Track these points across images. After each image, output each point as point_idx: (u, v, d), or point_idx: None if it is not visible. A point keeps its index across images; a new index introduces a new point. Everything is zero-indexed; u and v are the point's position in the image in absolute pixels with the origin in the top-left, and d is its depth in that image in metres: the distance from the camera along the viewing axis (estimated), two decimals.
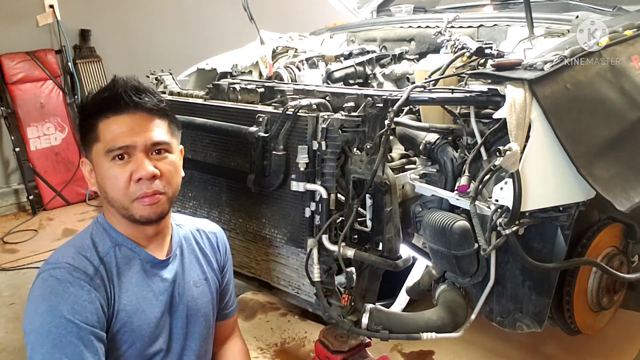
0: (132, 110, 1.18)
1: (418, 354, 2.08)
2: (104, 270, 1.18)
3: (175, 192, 1.26)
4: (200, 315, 1.35)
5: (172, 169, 1.23)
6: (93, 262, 1.17)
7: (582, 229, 1.73)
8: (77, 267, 1.15)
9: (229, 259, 1.50)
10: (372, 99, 1.59)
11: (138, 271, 1.24)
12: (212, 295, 1.40)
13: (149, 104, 1.20)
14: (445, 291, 1.67)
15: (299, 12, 5.17)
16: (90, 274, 1.15)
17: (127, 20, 4.51)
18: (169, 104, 1.27)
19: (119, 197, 1.18)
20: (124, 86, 1.19)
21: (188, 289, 1.33)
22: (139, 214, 1.19)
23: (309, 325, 2.23)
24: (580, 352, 2.05)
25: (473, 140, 1.54)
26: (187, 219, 1.46)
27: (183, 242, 1.37)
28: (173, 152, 1.25)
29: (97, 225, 1.26)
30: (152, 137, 1.19)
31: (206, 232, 1.46)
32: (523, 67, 1.51)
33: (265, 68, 2.53)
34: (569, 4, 2.33)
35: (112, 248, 1.22)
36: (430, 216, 1.57)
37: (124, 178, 1.16)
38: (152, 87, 1.28)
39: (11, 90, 3.93)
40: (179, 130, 1.31)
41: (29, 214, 3.99)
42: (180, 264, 1.34)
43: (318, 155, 1.63)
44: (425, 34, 2.57)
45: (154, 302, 1.25)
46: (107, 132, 1.17)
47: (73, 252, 1.18)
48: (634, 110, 1.59)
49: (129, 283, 1.21)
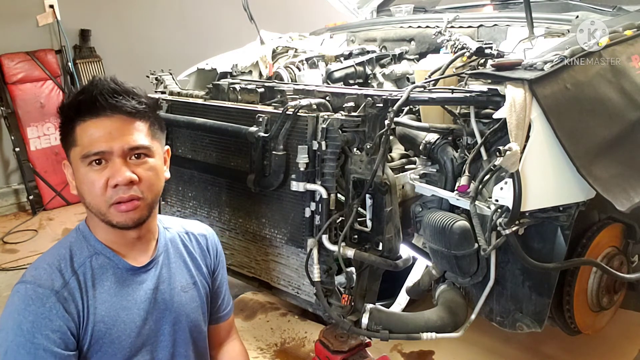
0: (110, 114, 1.14)
1: (418, 354, 2.08)
2: (76, 282, 1.15)
3: (155, 198, 1.21)
4: (190, 321, 1.31)
5: (152, 174, 1.18)
6: (64, 275, 1.14)
7: (582, 229, 1.73)
8: (43, 283, 1.12)
9: (220, 261, 1.45)
10: (372, 99, 1.59)
11: (115, 280, 1.20)
12: (201, 300, 1.36)
13: (127, 106, 1.15)
14: (445, 291, 1.67)
15: (299, 12, 5.17)
16: (56, 288, 1.12)
17: (127, 20, 4.52)
18: (151, 104, 1.22)
19: (96, 202, 1.15)
20: (101, 88, 1.14)
21: (175, 295, 1.28)
22: (116, 219, 1.16)
23: (309, 325, 2.23)
24: (580, 352, 2.05)
25: (473, 140, 1.54)
26: (176, 221, 1.42)
27: (169, 246, 1.33)
28: (154, 155, 1.20)
29: (77, 233, 1.23)
30: (130, 141, 1.14)
31: (195, 234, 1.40)
32: (523, 67, 1.51)
33: (265, 68, 2.53)
34: (569, 4, 2.33)
35: (89, 258, 1.18)
36: (430, 216, 1.57)
37: (100, 183, 1.13)
38: (138, 87, 1.21)
39: (11, 90, 3.94)
40: (162, 132, 1.26)
41: (29, 214, 3.99)
42: (166, 269, 1.29)
43: (318, 155, 1.63)
44: (425, 34, 2.57)
45: (135, 310, 1.20)
46: (84, 136, 1.13)
47: (45, 265, 1.15)
48: (634, 110, 1.59)
49: (105, 293, 1.17)
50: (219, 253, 1.45)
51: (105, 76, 1.18)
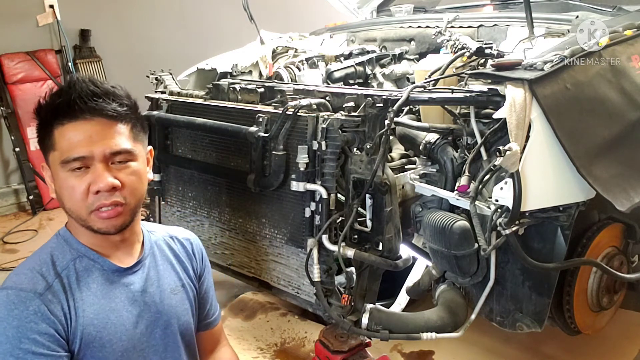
0: (89, 117, 1.08)
1: (418, 354, 2.08)
2: (60, 284, 1.10)
3: (139, 202, 1.16)
4: (181, 324, 1.27)
5: (134, 179, 1.13)
6: (47, 278, 1.09)
7: (582, 229, 1.73)
8: (25, 287, 1.07)
9: (206, 266, 1.41)
10: (372, 99, 1.59)
11: (102, 282, 1.15)
12: (190, 303, 1.32)
13: (107, 109, 1.09)
14: (445, 291, 1.67)
15: (299, 12, 5.17)
16: (39, 290, 1.07)
17: (127, 20, 4.52)
18: (133, 106, 1.16)
19: (76, 208, 1.11)
20: (79, 91, 1.08)
21: (165, 297, 1.24)
22: (97, 226, 1.11)
23: (309, 325, 2.23)
24: (580, 352, 2.05)
25: (473, 140, 1.54)
26: (159, 227, 1.38)
27: (155, 249, 1.29)
28: (137, 159, 1.15)
29: (58, 238, 1.18)
30: (111, 145, 1.09)
31: (179, 238, 1.37)
32: (523, 67, 1.51)
33: (265, 68, 2.53)
34: (569, 4, 2.33)
35: (72, 261, 1.14)
36: (430, 216, 1.57)
37: (81, 190, 1.08)
38: (119, 87, 1.15)
39: (11, 90, 3.94)
40: (145, 133, 1.21)
41: (29, 214, 3.99)
42: (154, 271, 1.25)
43: (318, 155, 1.63)
44: (425, 34, 2.57)
45: (124, 313, 1.16)
46: (63, 140, 1.08)
47: (26, 270, 1.11)
48: (634, 110, 1.59)
49: (92, 295, 1.13)
50: (204, 257, 1.41)
51: (84, 77, 1.13)
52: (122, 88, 1.16)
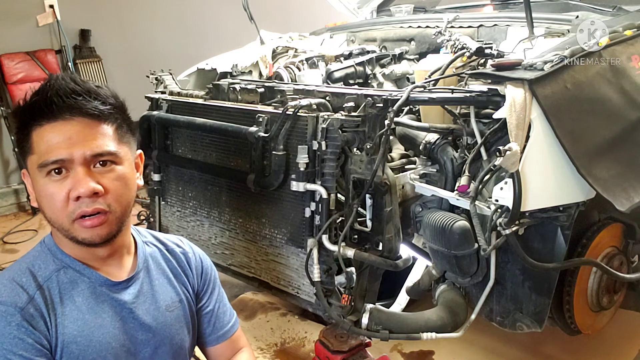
0: (69, 117, 1.00)
1: (418, 354, 2.08)
2: (41, 298, 1.01)
3: (126, 210, 1.07)
4: (173, 344, 1.18)
5: (119, 184, 1.04)
6: (28, 290, 1.01)
7: (582, 229, 1.73)
8: (5, 300, 0.99)
9: (209, 279, 1.30)
10: (372, 99, 1.59)
11: (88, 295, 1.06)
12: (187, 319, 1.22)
13: (87, 107, 1.01)
14: (445, 291, 1.67)
15: (299, 12, 5.17)
16: (20, 304, 0.99)
17: (127, 20, 4.52)
18: (118, 105, 1.08)
19: (57, 217, 1.02)
20: (57, 88, 1.00)
21: (160, 316, 1.15)
22: (81, 236, 1.03)
23: (309, 325, 2.23)
24: (580, 352, 2.05)
25: (473, 140, 1.54)
26: (155, 236, 1.28)
27: (150, 262, 1.19)
28: (122, 162, 1.06)
29: (42, 247, 1.11)
30: (93, 147, 1.01)
31: (179, 249, 1.27)
32: (523, 67, 1.52)
33: (265, 68, 2.53)
34: (569, 4, 2.33)
35: (56, 272, 1.06)
36: (430, 216, 1.57)
37: (61, 196, 1.00)
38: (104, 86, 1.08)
39: (11, 90, 3.93)
40: (133, 135, 1.11)
41: (29, 214, 3.98)
42: (148, 287, 1.16)
43: (318, 155, 1.63)
44: (425, 34, 2.57)
45: (111, 330, 1.07)
46: (41, 143, 1.00)
47: (5, 281, 1.03)
48: (634, 110, 1.59)
49: (76, 310, 1.04)
50: (204, 271, 1.30)
51: (65, 75, 1.04)
52: (108, 88, 1.09)
